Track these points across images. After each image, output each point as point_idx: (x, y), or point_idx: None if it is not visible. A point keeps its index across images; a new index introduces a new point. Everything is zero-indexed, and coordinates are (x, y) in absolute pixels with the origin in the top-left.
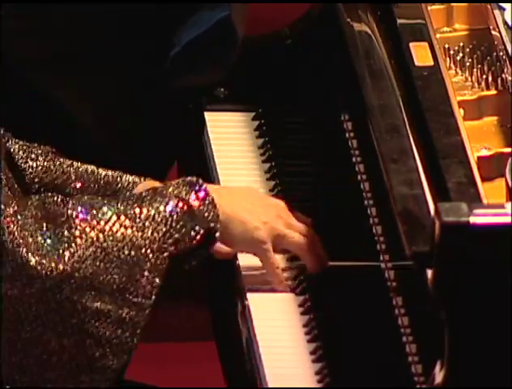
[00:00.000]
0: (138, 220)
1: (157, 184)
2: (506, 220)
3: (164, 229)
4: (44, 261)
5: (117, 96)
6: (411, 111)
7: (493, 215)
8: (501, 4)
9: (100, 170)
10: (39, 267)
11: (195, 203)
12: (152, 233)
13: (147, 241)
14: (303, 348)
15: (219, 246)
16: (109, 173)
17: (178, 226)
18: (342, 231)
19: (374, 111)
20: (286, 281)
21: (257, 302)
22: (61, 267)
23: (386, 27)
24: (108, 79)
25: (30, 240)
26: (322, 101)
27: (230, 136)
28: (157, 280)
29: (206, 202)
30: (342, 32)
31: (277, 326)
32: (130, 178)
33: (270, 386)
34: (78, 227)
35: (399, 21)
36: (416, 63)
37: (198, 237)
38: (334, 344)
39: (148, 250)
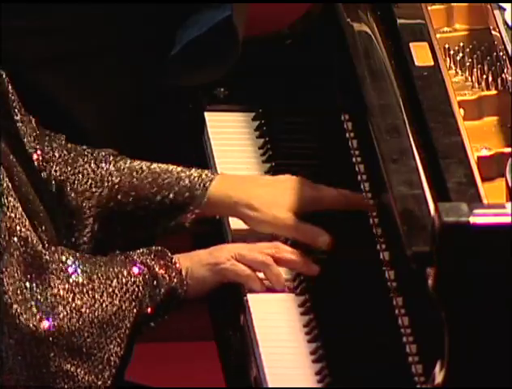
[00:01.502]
0: (107, 286)
1: (228, 178)
2: (506, 220)
3: (130, 298)
4: (27, 316)
5: (117, 96)
6: (411, 111)
7: (493, 215)
8: (501, 4)
9: (170, 166)
10: (22, 320)
11: (160, 270)
12: (120, 301)
13: (115, 308)
14: (303, 348)
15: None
16: (183, 169)
17: (142, 295)
18: (342, 231)
19: (374, 111)
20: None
21: (257, 302)
22: (41, 324)
23: (386, 27)
24: (108, 79)
25: (13, 289)
26: (322, 101)
27: (230, 136)
28: (122, 349)
29: (171, 269)
30: (342, 32)
31: (277, 326)
32: (203, 173)
33: (270, 386)
34: (57, 286)
35: (399, 21)
36: (416, 63)
37: (163, 302)
38: (335, 344)
39: (115, 318)
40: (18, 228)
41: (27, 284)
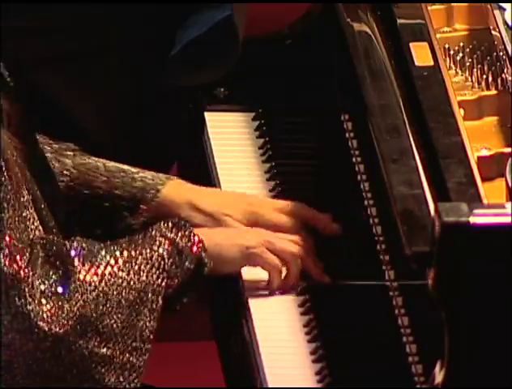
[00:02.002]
0: (133, 263)
1: (185, 184)
2: (506, 220)
3: (157, 272)
4: (54, 310)
5: (117, 96)
6: (411, 111)
7: (493, 215)
8: (501, 4)
9: (126, 166)
10: (50, 317)
11: (182, 242)
12: (147, 277)
13: (143, 285)
14: (303, 348)
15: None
16: (139, 172)
17: (169, 266)
18: (342, 231)
19: (374, 111)
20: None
21: (257, 302)
22: (70, 314)
23: (386, 27)
24: (108, 79)
25: (39, 288)
26: (322, 101)
27: (230, 136)
28: (154, 324)
29: (193, 239)
30: (342, 32)
31: (277, 326)
32: (160, 175)
33: (270, 386)
34: (82, 271)
35: (399, 21)
36: (416, 63)
37: (189, 273)
38: (335, 344)
39: (144, 295)
40: (37, 233)
41: (54, 278)
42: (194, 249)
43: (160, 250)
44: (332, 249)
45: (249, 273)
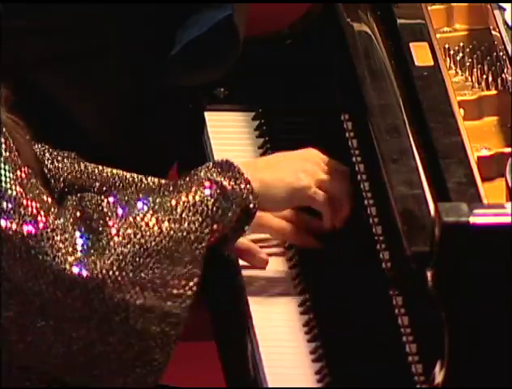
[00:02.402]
0: (174, 212)
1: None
2: (506, 220)
3: (200, 219)
4: (85, 262)
5: (117, 96)
6: (411, 111)
7: (493, 215)
8: (501, 4)
9: (122, 172)
10: (79, 270)
11: (228, 184)
12: (189, 224)
13: (185, 233)
14: (303, 348)
15: (269, 221)
16: (133, 174)
17: (213, 212)
18: (342, 231)
19: (374, 111)
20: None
21: (257, 302)
22: (101, 267)
23: (386, 27)
24: (108, 79)
25: (69, 243)
26: (322, 101)
27: (230, 136)
28: (197, 271)
29: (240, 181)
30: (342, 32)
31: (277, 326)
32: (155, 180)
33: (270, 386)
34: (116, 225)
35: (399, 21)
36: (416, 63)
37: (235, 218)
38: (334, 343)
39: (186, 243)
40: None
41: (86, 235)
42: (241, 191)
43: (206, 196)
44: (332, 248)
45: (250, 272)
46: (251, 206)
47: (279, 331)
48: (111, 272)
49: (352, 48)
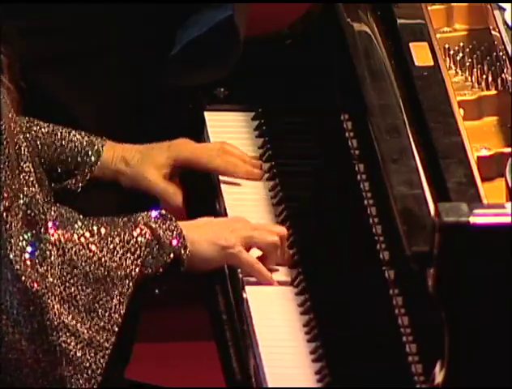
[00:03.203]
0: (109, 243)
1: (117, 146)
2: (506, 220)
3: (131, 257)
4: (23, 264)
5: (117, 96)
6: (411, 111)
7: (493, 215)
8: (501, 4)
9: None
10: (20, 269)
11: (164, 235)
12: (120, 259)
13: (116, 265)
14: (303, 348)
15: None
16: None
17: (145, 255)
18: (342, 231)
19: (374, 111)
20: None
21: (257, 302)
22: (35, 273)
23: (386, 27)
24: (108, 79)
25: (15, 241)
26: (322, 101)
27: (230, 136)
28: (123, 307)
29: (174, 232)
30: (342, 32)
31: (277, 326)
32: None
33: (270, 386)
34: (55, 234)
35: (399, 21)
36: (416, 63)
37: (164, 266)
38: (334, 343)
39: (115, 275)
40: (25, 189)
41: (27, 235)
42: (174, 243)
43: (140, 238)
44: (332, 248)
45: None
46: (182, 258)
47: (279, 331)
48: (49, 282)
49: (352, 48)
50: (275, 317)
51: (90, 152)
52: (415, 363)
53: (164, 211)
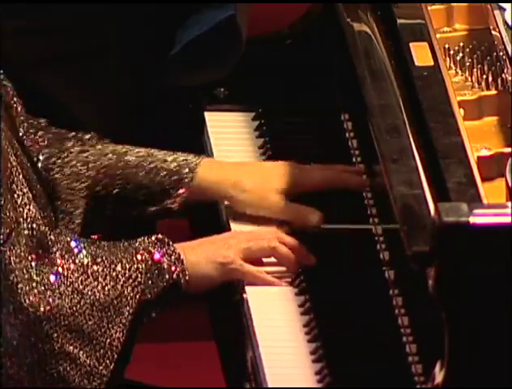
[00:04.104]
0: (111, 270)
1: (217, 161)
2: (506, 220)
3: (132, 284)
4: (31, 295)
5: (117, 96)
6: (411, 111)
7: (493, 215)
8: (501, 4)
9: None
10: (26, 300)
11: (163, 260)
12: (122, 287)
13: (118, 293)
14: (303, 348)
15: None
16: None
17: (145, 281)
18: (342, 231)
19: (374, 111)
20: (275, 278)
21: (257, 302)
22: (44, 303)
23: (386, 27)
24: (108, 79)
25: (19, 268)
26: (322, 101)
27: (230, 136)
28: (123, 335)
29: (173, 257)
30: (342, 32)
31: (277, 326)
32: (191, 156)
33: (270, 386)
34: (63, 265)
35: (399, 21)
36: (416, 63)
37: (162, 292)
38: (335, 344)
39: (118, 303)
40: (25, 212)
41: (33, 264)
42: (173, 268)
43: (140, 264)
44: (332, 248)
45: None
46: (180, 283)
47: (279, 331)
48: (53, 310)
49: (352, 48)
50: (275, 317)
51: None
52: (415, 363)
53: (160, 236)
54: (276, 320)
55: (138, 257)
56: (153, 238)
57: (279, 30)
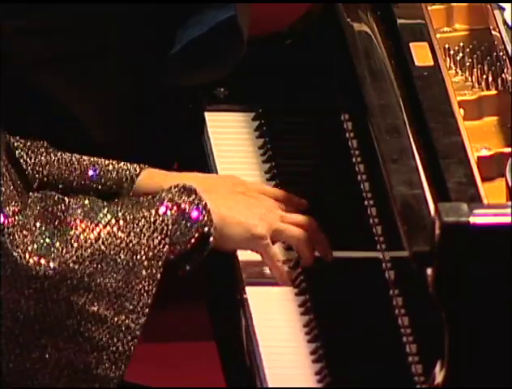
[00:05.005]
0: (135, 225)
1: (157, 172)
2: (506, 220)
3: (159, 237)
4: (43, 261)
5: (117, 96)
6: (411, 111)
7: (493, 215)
8: (501, 4)
9: (102, 160)
10: (37, 267)
11: (189, 209)
12: (148, 240)
13: (143, 247)
14: (303, 348)
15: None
16: (112, 162)
17: (172, 232)
18: (342, 231)
19: (374, 111)
20: (287, 274)
21: (257, 302)
22: (59, 266)
23: (386, 27)
24: (108, 79)
25: (29, 240)
26: (322, 101)
27: (230, 136)
28: (153, 289)
29: (200, 207)
30: (342, 32)
31: (277, 326)
32: (131, 166)
33: (270, 386)
34: (78, 228)
35: (399, 21)
36: (416, 63)
37: (193, 241)
38: (334, 344)
39: (144, 257)
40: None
41: (47, 233)
42: (201, 217)
43: (166, 215)
44: (332, 248)
45: (250, 272)
46: (209, 233)
47: (279, 331)
48: (68, 273)
49: (352, 48)
50: (276, 317)
51: None
52: (415, 363)
53: (186, 184)
54: (276, 320)
55: (164, 208)
56: (179, 187)
57: (279, 30)
